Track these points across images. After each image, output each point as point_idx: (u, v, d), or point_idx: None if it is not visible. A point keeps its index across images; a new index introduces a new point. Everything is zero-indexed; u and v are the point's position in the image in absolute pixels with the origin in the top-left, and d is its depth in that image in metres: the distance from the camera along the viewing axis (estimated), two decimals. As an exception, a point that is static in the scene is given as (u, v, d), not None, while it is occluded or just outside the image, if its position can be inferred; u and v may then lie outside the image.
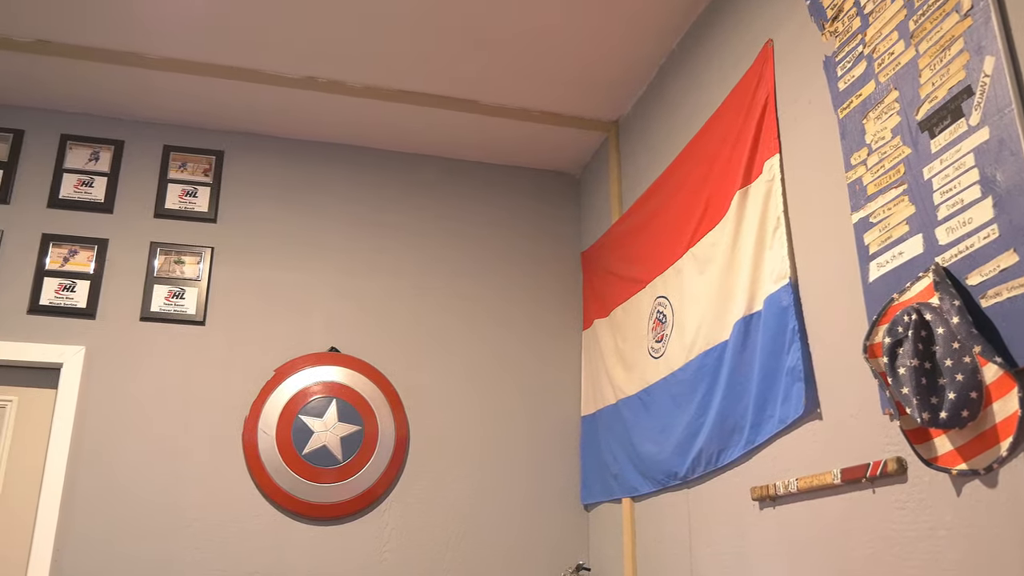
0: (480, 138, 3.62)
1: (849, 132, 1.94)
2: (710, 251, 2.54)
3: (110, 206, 3.36)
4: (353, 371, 3.36)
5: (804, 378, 2.02)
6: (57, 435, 3.05)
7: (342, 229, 3.56)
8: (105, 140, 3.44)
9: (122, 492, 3.05)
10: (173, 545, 3.04)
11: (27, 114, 3.40)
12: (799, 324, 2.06)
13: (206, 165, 3.50)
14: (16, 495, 3.03)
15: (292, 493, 3.17)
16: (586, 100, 3.37)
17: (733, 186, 2.43)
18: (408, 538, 3.24)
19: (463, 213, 3.71)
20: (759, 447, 2.22)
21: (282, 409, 3.25)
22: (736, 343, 2.32)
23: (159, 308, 3.28)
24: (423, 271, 3.58)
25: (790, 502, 2.07)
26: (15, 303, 3.17)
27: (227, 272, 3.39)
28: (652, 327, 2.92)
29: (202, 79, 3.21)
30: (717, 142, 2.59)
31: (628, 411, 3.03)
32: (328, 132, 3.59)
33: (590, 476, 3.36)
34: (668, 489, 2.75)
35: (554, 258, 3.75)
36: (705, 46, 2.78)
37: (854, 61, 1.94)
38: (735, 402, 2.32)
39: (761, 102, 2.33)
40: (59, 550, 2.95)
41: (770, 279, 2.20)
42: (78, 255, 3.27)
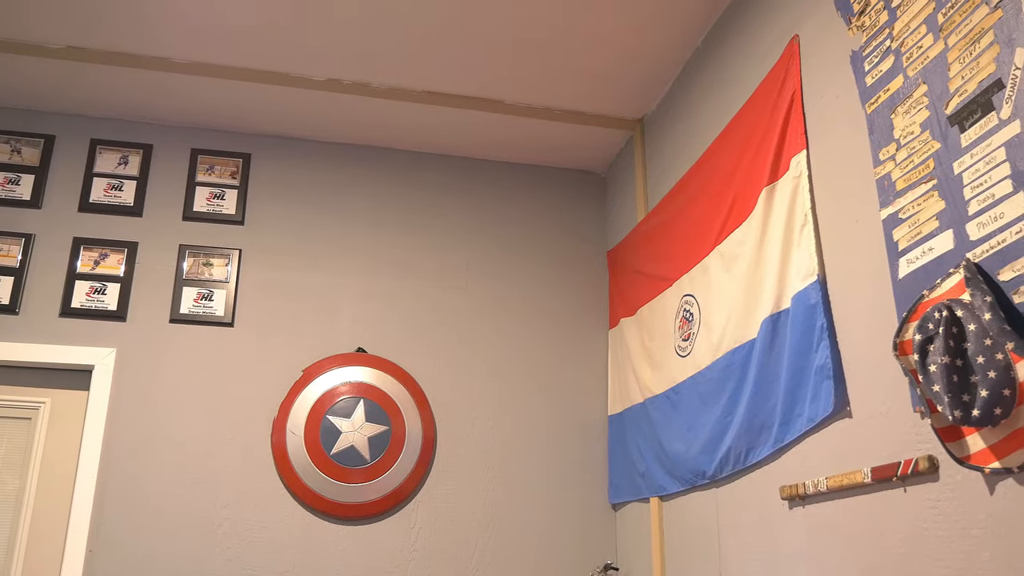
0: (505, 138, 3.62)
1: (877, 127, 1.92)
2: (737, 249, 2.53)
3: (139, 209, 3.40)
4: (380, 371, 3.38)
5: (833, 376, 2.00)
6: (89, 436, 3.09)
7: (368, 230, 3.57)
8: (134, 144, 3.48)
9: (153, 492, 3.09)
10: (204, 545, 3.07)
11: (58, 119, 3.45)
12: (827, 321, 2.04)
13: (233, 168, 3.54)
14: (50, 495, 3.08)
15: (321, 493, 3.19)
16: (611, 98, 3.36)
17: (760, 183, 2.41)
18: (436, 538, 3.25)
19: (488, 213, 3.71)
20: (788, 446, 2.20)
21: (310, 410, 3.27)
22: (764, 341, 2.30)
23: (188, 310, 3.31)
24: (449, 271, 3.59)
25: (820, 501, 2.05)
26: (47, 306, 3.22)
27: (255, 274, 3.42)
28: (679, 325, 2.90)
29: (228, 83, 3.24)
30: (743, 139, 2.57)
31: (655, 410, 3.02)
32: (353, 134, 3.60)
33: (617, 475, 3.35)
34: (696, 488, 2.74)
35: (580, 257, 3.74)
36: (730, 42, 2.76)
37: (882, 55, 1.92)
38: (763, 401, 2.30)
39: (787, 98, 2.31)
40: (92, 549, 2.99)
41: (798, 276, 2.18)
42: (108, 258, 3.31)
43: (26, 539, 3.01)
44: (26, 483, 3.07)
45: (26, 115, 3.43)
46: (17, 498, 3.06)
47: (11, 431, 3.13)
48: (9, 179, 3.33)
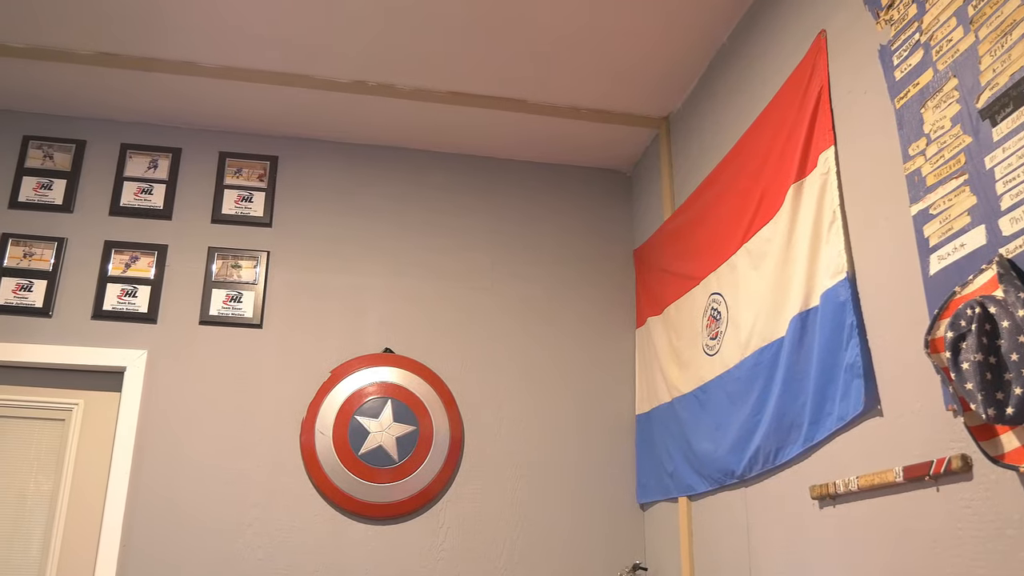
0: (530, 137, 3.62)
1: (907, 122, 1.90)
2: (765, 246, 2.51)
3: (169, 212, 3.44)
4: (407, 372, 3.39)
5: (863, 374, 1.97)
6: (122, 436, 3.13)
7: (394, 231, 3.59)
8: (163, 148, 3.52)
9: (185, 491, 3.12)
10: (235, 544, 3.10)
11: (89, 125, 3.50)
12: (857, 319, 2.02)
13: (261, 170, 3.57)
14: (83, 495, 3.12)
15: (349, 493, 3.20)
16: (636, 97, 3.35)
17: (787, 180, 2.39)
18: (464, 537, 3.25)
19: (514, 213, 3.71)
20: (818, 445, 2.18)
21: (338, 410, 3.29)
22: (793, 339, 2.28)
23: (217, 312, 3.34)
24: (475, 272, 3.60)
25: (851, 501, 2.03)
26: (80, 309, 3.26)
27: (283, 275, 3.44)
28: (706, 324, 2.88)
29: (255, 86, 3.27)
30: (770, 136, 2.55)
31: (683, 409, 3.01)
32: (378, 135, 3.62)
33: (646, 475, 3.34)
34: (725, 488, 2.72)
35: (606, 256, 3.73)
36: (756, 39, 2.74)
37: (911, 49, 1.89)
38: (792, 399, 2.28)
39: (815, 94, 2.29)
40: (125, 548, 3.02)
41: (827, 274, 2.16)
42: (139, 261, 3.35)
43: (60, 538, 3.06)
44: (60, 483, 3.12)
45: (58, 121, 3.48)
46: (52, 498, 3.10)
47: (45, 432, 3.17)
48: (42, 184, 3.38)
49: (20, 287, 3.24)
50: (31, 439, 3.16)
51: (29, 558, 3.03)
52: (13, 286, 3.24)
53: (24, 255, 3.28)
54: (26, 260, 3.27)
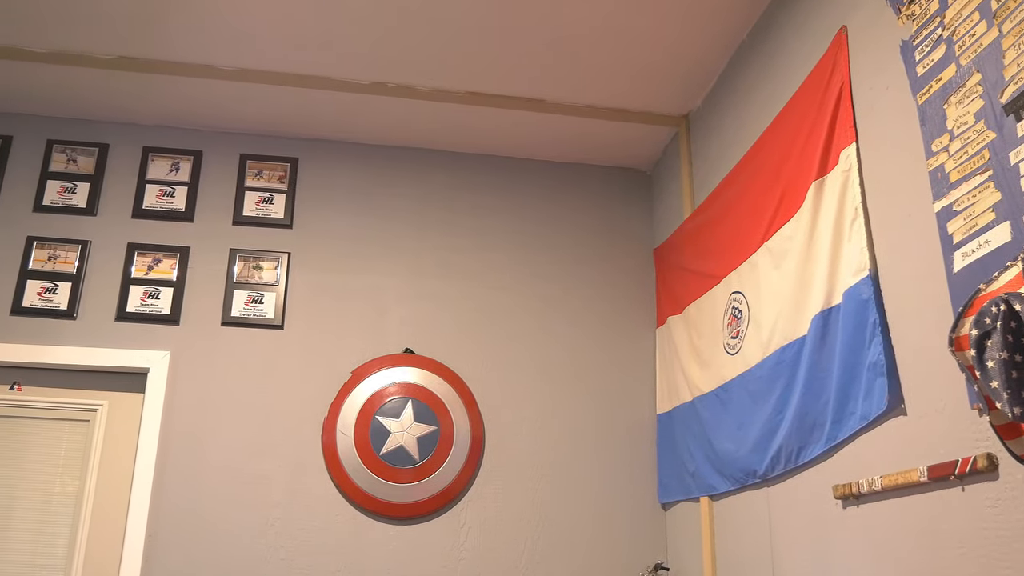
0: (549, 137, 3.61)
1: (929, 118, 1.88)
2: (786, 244, 2.49)
3: (191, 215, 3.46)
4: (428, 372, 3.40)
5: (887, 373, 1.96)
6: (145, 437, 3.15)
7: (414, 231, 3.60)
8: (184, 151, 3.54)
9: (208, 491, 3.14)
10: (257, 544, 3.12)
11: (111, 128, 3.54)
12: (880, 317, 2.01)
13: (281, 172, 3.58)
14: (108, 494, 3.15)
15: (371, 493, 3.21)
16: (655, 95, 3.34)
17: (808, 177, 2.37)
18: (485, 537, 3.26)
19: (534, 213, 3.71)
20: (841, 444, 2.17)
21: (359, 410, 3.30)
22: (815, 338, 2.27)
23: (239, 313, 3.37)
24: (495, 271, 3.60)
25: (874, 500, 2.01)
26: (104, 311, 3.29)
27: (303, 276, 3.46)
28: (727, 323, 2.87)
29: (275, 88, 3.28)
30: (791, 133, 2.53)
31: (704, 409, 2.99)
32: (398, 136, 3.63)
33: (667, 475, 3.33)
34: (747, 488, 2.70)
35: (626, 255, 3.72)
36: (776, 35, 2.72)
37: (933, 44, 1.87)
38: (815, 398, 2.27)
39: (836, 91, 2.28)
40: (149, 547, 3.05)
41: (849, 272, 2.14)
42: (162, 263, 3.38)
43: (86, 538, 3.09)
44: (85, 483, 3.15)
45: (81, 125, 3.52)
46: (77, 498, 3.14)
47: (71, 433, 3.21)
48: (66, 187, 3.42)
49: (45, 290, 3.27)
50: (57, 440, 3.19)
51: (55, 557, 3.06)
52: (38, 289, 3.27)
53: (49, 258, 3.32)
54: (51, 263, 3.31)
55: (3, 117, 3.48)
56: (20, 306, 3.24)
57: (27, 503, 3.11)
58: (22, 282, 3.27)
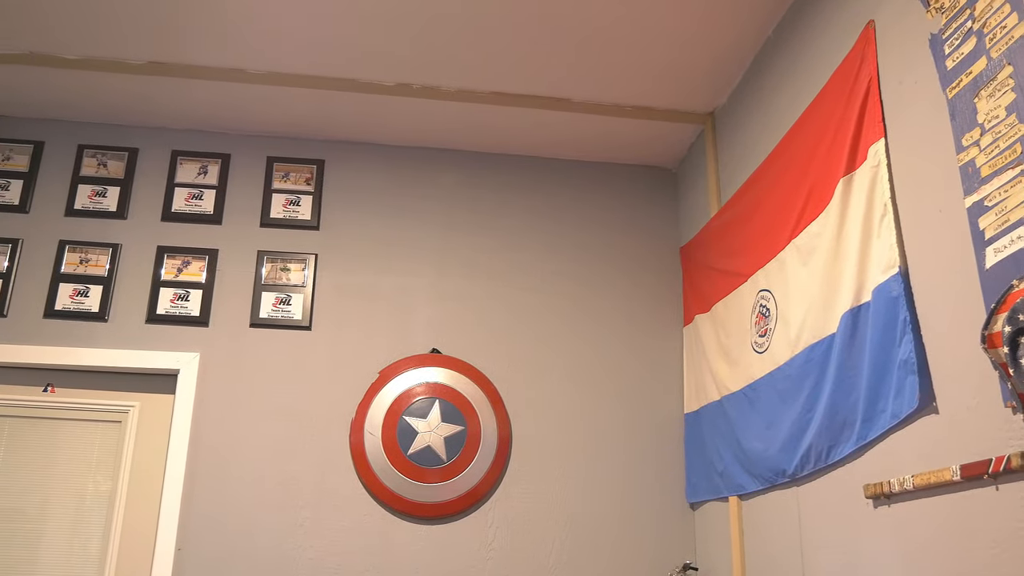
0: (574, 136, 3.61)
1: (959, 112, 1.85)
2: (814, 241, 2.47)
3: (219, 217, 3.50)
4: (455, 372, 3.40)
5: (918, 371, 1.93)
6: (176, 438, 3.19)
7: (440, 232, 3.60)
8: (213, 154, 3.58)
9: (237, 492, 3.17)
10: (288, 543, 3.14)
11: (140, 133, 3.58)
12: (911, 315, 1.98)
13: (308, 174, 3.61)
14: (140, 495, 3.19)
15: (399, 493, 3.22)
16: (680, 92, 3.32)
17: (836, 174, 2.35)
18: (513, 537, 3.26)
19: (559, 212, 3.70)
20: (871, 443, 2.14)
21: (387, 410, 3.32)
22: (844, 336, 2.24)
23: (267, 314, 3.39)
24: (521, 271, 3.60)
25: (906, 500, 1.99)
26: (134, 313, 3.33)
27: (331, 277, 3.48)
28: (755, 321, 2.85)
29: (301, 91, 3.31)
30: (818, 129, 2.51)
31: (732, 408, 2.97)
32: (423, 137, 3.64)
33: (695, 474, 3.31)
34: (776, 487, 2.68)
35: (652, 254, 3.71)
36: (803, 31, 2.70)
37: (963, 38, 1.85)
38: (845, 397, 2.25)
39: (864, 86, 2.25)
40: (181, 547, 3.08)
41: (878, 269, 2.12)
42: (191, 265, 3.41)
43: (119, 537, 3.13)
44: (118, 484, 3.19)
45: (111, 129, 3.57)
46: (110, 498, 3.18)
47: (103, 434, 3.25)
48: (96, 191, 3.47)
49: (77, 292, 3.32)
50: (89, 440, 3.24)
51: (89, 556, 3.11)
52: (70, 292, 3.32)
53: (80, 261, 3.36)
54: (82, 266, 3.36)
55: (36, 123, 3.54)
56: (53, 309, 3.29)
57: (62, 503, 3.16)
58: (54, 285, 3.32)
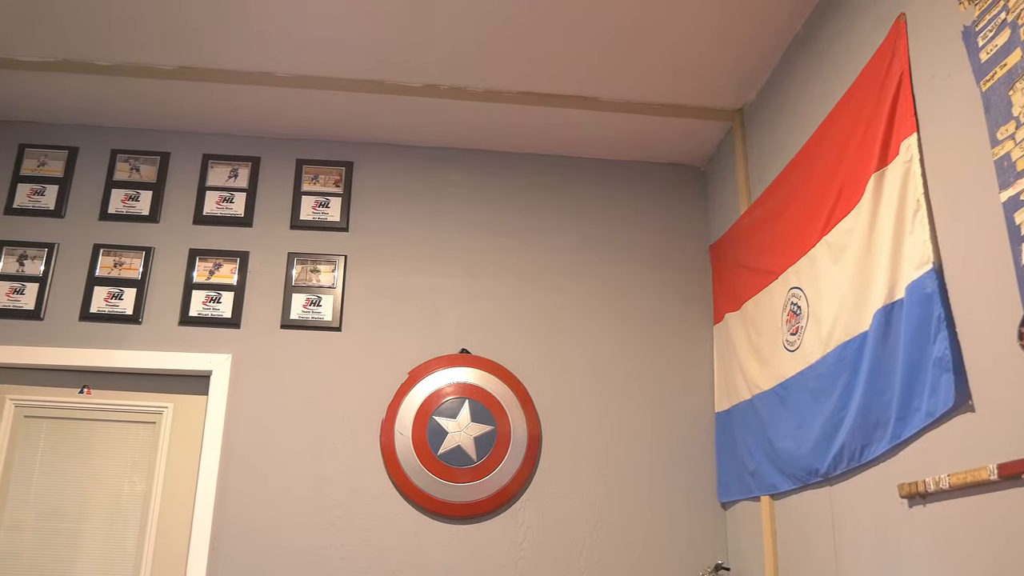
0: (602, 135, 3.60)
1: (994, 105, 1.82)
2: (845, 238, 2.44)
3: (249, 220, 3.53)
4: (484, 372, 3.41)
5: (953, 368, 1.90)
6: (209, 438, 3.22)
7: (468, 232, 3.61)
8: (243, 158, 3.61)
9: (270, 491, 3.20)
10: (319, 542, 3.16)
11: (172, 137, 3.62)
12: (945, 311, 1.95)
13: (337, 176, 3.63)
14: (175, 494, 3.22)
15: (429, 492, 3.23)
16: (708, 89, 3.30)
17: (868, 169, 2.32)
18: (543, 537, 3.25)
19: (587, 211, 3.70)
20: (906, 442, 2.12)
21: (417, 411, 3.33)
22: (877, 333, 2.22)
23: (298, 316, 3.42)
24: (549, 271, 3.59)
25: (942, 499, 1.96)
26: (167, 315, 3.37)
27: (360, 279, 3.50)
28: (786, 319, 2.82)
29: (329, 93, 3.33)
30: (849, 125, 2.48)
31: (764, 406, 2.95)
32: (451, 137, 3.65)
33: (726, 474, 3.29)
34: (809, 486, 2.66)
35: (681, 252, 3.69)
36: (832, 25, 2.67)
37: (996, 29, 1.82)
38: (878, 395, 2.22)
39: (895, 80, 2.22)
40: (215, 545, 3.11)
41: (911, 265, 2.09)
42: (222, 268, 3.45)
43: (154, 536, 3.17)
44: (153, 483, 3.23)
45: (143, 134, 3.61)
46: (145, 498, 3.22)
47: (138, 434, 3.29)
48: (129, 196, 3.51)
49: (111, 295, 3.37)
50: (125, 441, 3.28)
51: (125, 555, 3.15)
52: (105, 295, 3.37)
53: (115, 265, 3.41)
54: (116, 269, 3.40)
55: (70, 129, 3.59)
56: (88, 312, 3.34)
57: (99, 503, 3.20)
58: (89, 289, 3.37)
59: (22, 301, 3.33)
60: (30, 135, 3.58)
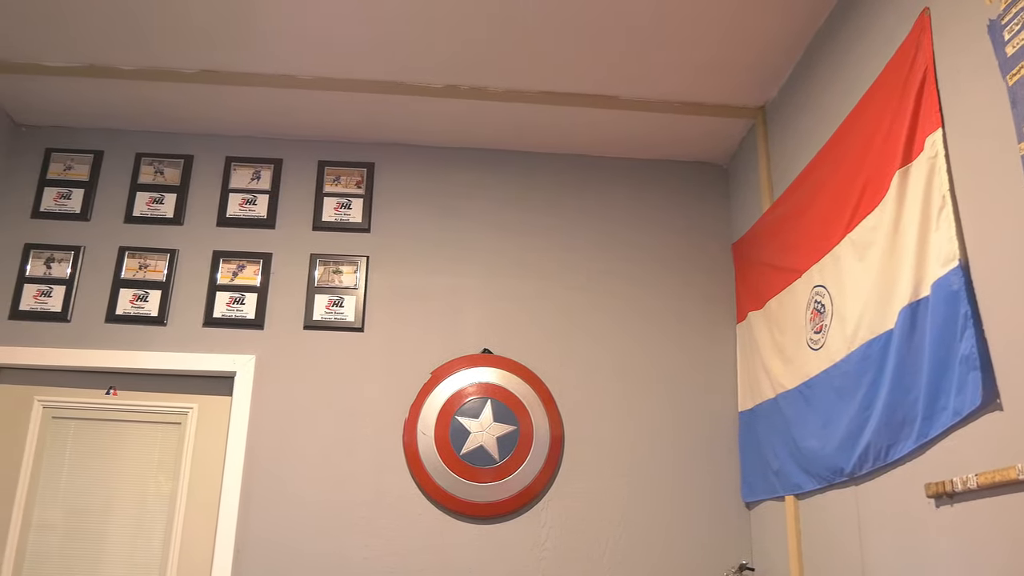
0: (622, 134, 3.58)
1: (1020, 99, 1.80)
2: (870, 235, 2.42)
3: (272, 222, 3.55)
4: (506, 371, 3.41)
5: (980, 366, 1.88)
6: (234, 439, 3.25)
7: (490, 232, 3.61)
8: (265, 160, 3.64)
9: (294, 491, 3.22)
10: (343, 542, 3.17)
11: (195, 140, 3.65)
12: (972, 309, 1.93)
13: (358, 177, 3.64)
14: (200, 494, 3.25)
15: (452, 492, 3.24)
16: (730, 87, 3.28)
17: (892, 166, 2.30)
18: (566, 537, 3.25)
19: (609, 210, 3.69)
20: (932, 441, 2.09)
21: (439, 411, 3.33)
22: (902, 331, 2.19)
23: (320, 316, 3.43)
24: (571, 270, 3.59)
25: (970, 499, 1.93)
26: (192, 317, 3.40)
27: (382, 279, 3.51)
28: (810, 317, 2.80)
29: (350, 95, 3.34)
30: (872, 121, 2.46)
31: (788, 405, 2.93)
32: (472, 138, 3.65)
33: (750, 473, 3.27)
34: (834, 486, 2.63)
35: (704, 251, 3.67)
36: (855, 21, 2.65)
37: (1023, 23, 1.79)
38: (904, 394, 2.19)
39: (919, 75, 2.20)
40: (240, 548, 3.14)
41: (937, 262, 2.07)
42: (245, 269, 3.47)
43: (180, 536, 3.20)
44: (178, 483, 3.26)
45: (167, 137, 3.65)
46: (171, 498, 3.25)
47: (164, 435, 3.32)
48: (154, 199, 3.54)
49: (137, 297, 3.40)
50: (151, 442, 3.31)
51: (151, 554, 3.18)
52: (130, 297, 3.40)
53: (139, 267, 3.44)
54: (141, 272, 3.43)
55: (95, 133, 3.63)
56: (114, 314, 3.37)
57: (125, 502, 3.24)
58: (115, 291, 3.40)
59: (49, 303, 3.37)
60: (56, 140, 3.62)
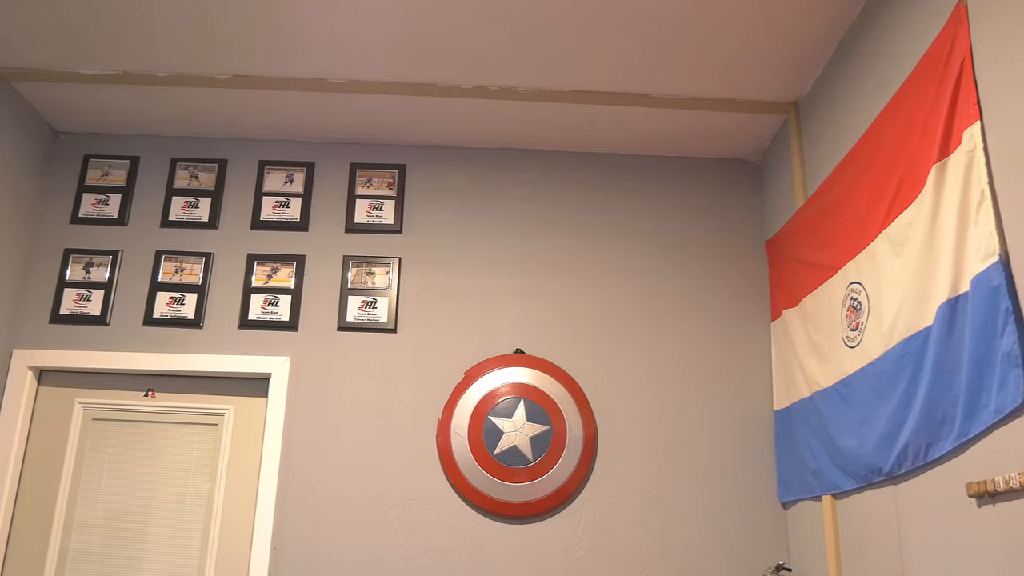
0: (653, 131, 3.57)
1: (1061, 91, 1.76)
2: (906, 231, 2.38)
3: (305, 224, 3.58)
4: (539, 371, 3.40)
5: (1022, 363, 1.84)
6: (270, 440, 3.28)
7: (522, 232, 3.61)
8: (298, 163, 3.67)
9: (329, 491, 3.24)
10: (378, 542, 3.19)
11: (229, 144, 3.69)
12: (1013, 304, 1.89)
13: (390, 179, 3.66)
14: (237, 495, 3.28)
15: (486, 492, 3.24)
16: (762, 83, 3.25)
17: (929, 160, 2.26)
18: (601, 537, 3.24)
19: (641, 209, 3.67)
20: (973, 439, 2.06)
21: (472, 411, 3.34)
22: (941, 328, 2.16)
23: (354, 318, 3.46)
24: (603, 270, 3.58)
25: (1013, 499, 1.90)
26: (227, 319, 3.44)
27: (414, 280, 3.53)
28: (846, 315, 2.77)
29: (381, 97, 3.36)
30: (908, 115, 2.42)
31: (824, 404, 2.90)
32: (502, 138, 3.65)
33: (787, 473, 3.23)
34: (873, 486, 2.60)
35: (737, 249, 3.64)
36: (888, 14, 2.61)
37: (1063, 12, 1.76)
38: (943, 392, 2.16)
39: (956, 68, 2.16)
40: (276, 544, 3.16)
41: (976, 257, 2.03)
42: (280, 272, 3.50)
43: (217, 536, 3.23)
44: (215, 485, 3.30)
45: (201, 142, 3.69)
46: (208, 499, 3.29)
47: (201, 436, 3.36)
48: (189, 203, 3.59)
49: (173, 301, 3.44)
50: (188, 443, 3.35)
51: (190, 554, 3.22)
52: (167, 300, 3.45)
53: (176, 270, 3.49)
54: (178, 275, 3.48)
55: (131, 139, 3.69)
56: (152, 317, 3.42)
57: (163, 504, 3.28)
58: (152, 294, 3.45)
59: (88, 307, 3.43)
60: (94, 146, 3.68)
